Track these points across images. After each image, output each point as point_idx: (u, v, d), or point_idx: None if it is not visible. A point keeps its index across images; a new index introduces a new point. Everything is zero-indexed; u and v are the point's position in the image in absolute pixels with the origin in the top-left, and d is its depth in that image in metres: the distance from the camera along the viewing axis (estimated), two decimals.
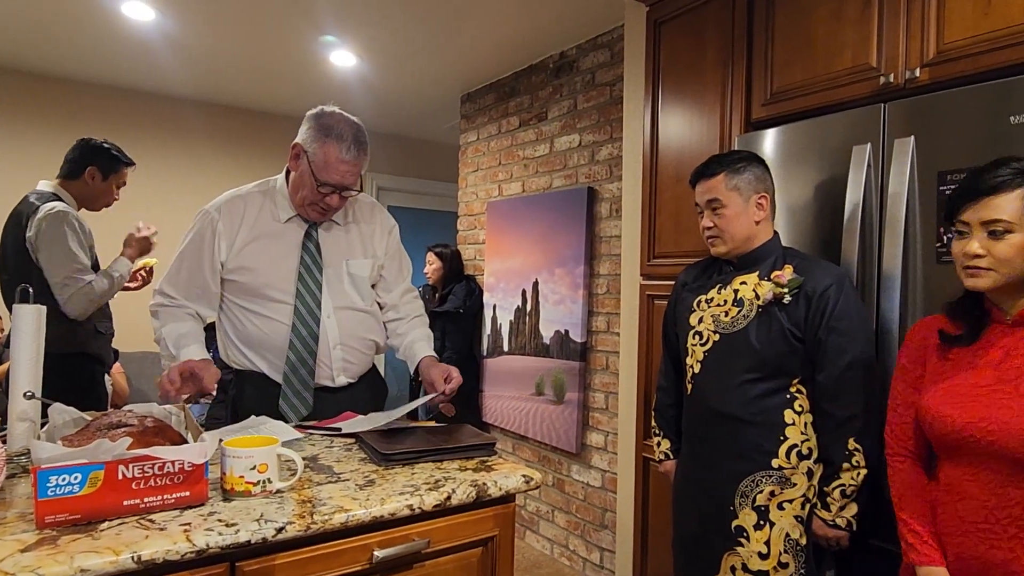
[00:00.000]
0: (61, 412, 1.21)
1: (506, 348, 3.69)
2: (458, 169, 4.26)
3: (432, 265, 3.92)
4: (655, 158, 2.22)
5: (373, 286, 1.84)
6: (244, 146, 4.59)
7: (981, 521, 1.11)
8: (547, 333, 3.40)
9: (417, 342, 1.83)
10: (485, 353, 3.86)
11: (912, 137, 1.49)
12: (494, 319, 3.79)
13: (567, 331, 3.26)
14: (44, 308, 1.35)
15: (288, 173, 1.71)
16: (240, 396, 1.73)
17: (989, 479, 1.10)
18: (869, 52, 1.63)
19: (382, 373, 1.95)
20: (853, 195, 1.59)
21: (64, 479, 0.91)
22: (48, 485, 0.90)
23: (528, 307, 3.54)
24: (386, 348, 1.89)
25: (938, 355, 1.22)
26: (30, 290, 1.36)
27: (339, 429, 1.51)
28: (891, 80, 1.58)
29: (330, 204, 1.65)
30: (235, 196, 1.72)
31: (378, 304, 1.86)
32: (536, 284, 3.49)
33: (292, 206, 1.70)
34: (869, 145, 1.57)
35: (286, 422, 1.60)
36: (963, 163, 1.40)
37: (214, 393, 1.61)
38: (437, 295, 3.90)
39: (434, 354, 1.81)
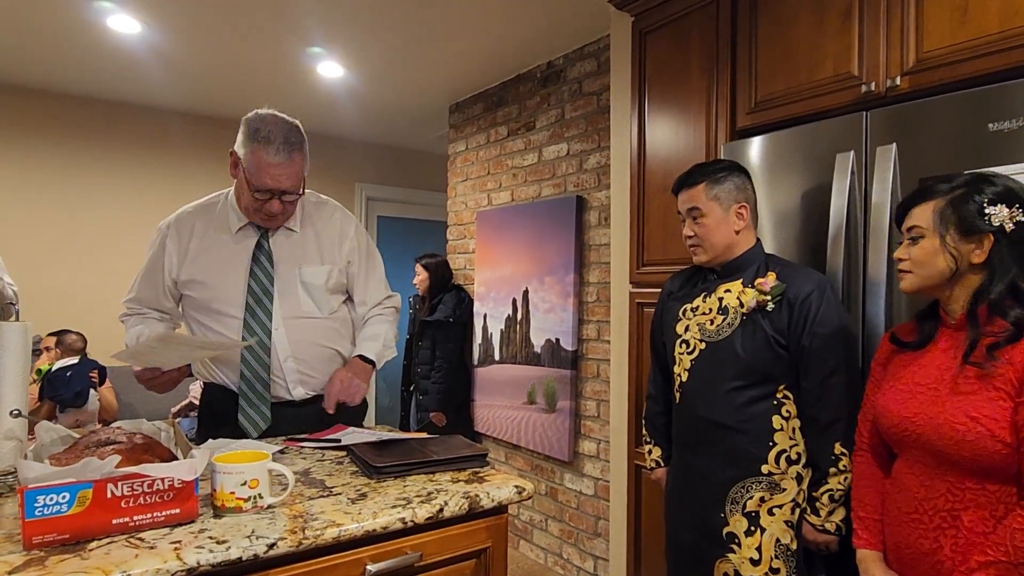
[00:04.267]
0: (49, 430, 1.20)
1: (497, 357, 3.69)
2: (447, 179, 4.27)
3: (419, 276, 3.91)
4: (642, 166, 2.24)
5: (350, 298, 1.81)
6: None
7: (912, 511, 1.18)
8: (538, 342, 3.40)
9: (362, 341, 1.78)
10: (476, 362, 3.86)
11: (894, 144, 1.51)
12: (485, 328, 3.79)
13: (558, 339, 3.27)
14: (30, 324, 1.34)
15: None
16: (207, 407, 1.74)
17: (920, 471, 1.18)
18: (850, 61, 1.65)
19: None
20: (838, 202, 1.60)
21: (52, 499, 0.90)
22: (36, 505, 0.89)
23: (519, 316, 3.54)
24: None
25: (895, 358, 1.31)
26: (16, 308, 1.35)
27: (337, 440, 1.50)
28: (872, 88, 1.60)
29: (271, 210, 1.59)
30: (184, 211, 1.72)
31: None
32: (526, 293, 3.49)
33: (242, 215, 1.66)
34: (852, 153, 1.59)
35: (246, 436, 1.60)
36: (944, 170, 1.42)
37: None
38: (427, 305, 3.90)
39: (367, 354, 1.75)
